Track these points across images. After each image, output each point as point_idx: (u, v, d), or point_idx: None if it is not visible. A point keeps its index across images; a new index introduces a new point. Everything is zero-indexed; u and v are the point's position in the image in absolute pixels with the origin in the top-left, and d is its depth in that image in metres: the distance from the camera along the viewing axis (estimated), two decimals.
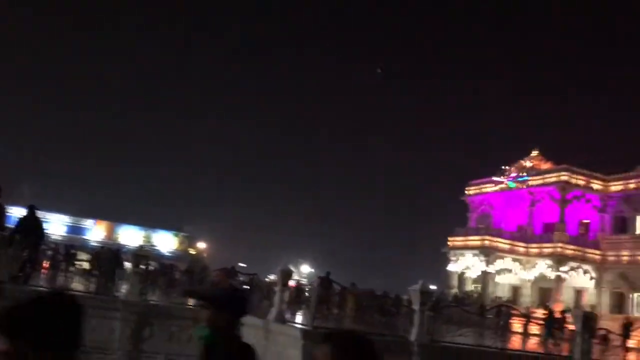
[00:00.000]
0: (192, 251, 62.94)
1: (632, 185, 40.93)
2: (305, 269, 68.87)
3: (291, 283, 24.90)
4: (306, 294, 20.40)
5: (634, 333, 19.96)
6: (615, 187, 41.88)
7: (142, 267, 14.32)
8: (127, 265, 17.08)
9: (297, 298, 22.35)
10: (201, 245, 66.32)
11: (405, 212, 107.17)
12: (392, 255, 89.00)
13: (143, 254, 15.17)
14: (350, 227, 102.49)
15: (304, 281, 36.69)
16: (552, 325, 20.71)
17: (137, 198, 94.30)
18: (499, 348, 12.70)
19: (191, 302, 17.06)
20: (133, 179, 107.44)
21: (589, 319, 13.65)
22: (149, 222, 63.81)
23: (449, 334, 13.20)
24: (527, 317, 25.16)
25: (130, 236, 55.17)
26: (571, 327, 14.89)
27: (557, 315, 22.96)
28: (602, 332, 17.81)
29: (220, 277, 22.91)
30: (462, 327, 15.08)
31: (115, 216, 59.72)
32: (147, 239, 58.70)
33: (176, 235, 64.10)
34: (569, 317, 18.94)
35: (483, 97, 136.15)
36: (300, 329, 10.97)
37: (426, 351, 10.98)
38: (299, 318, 14.67)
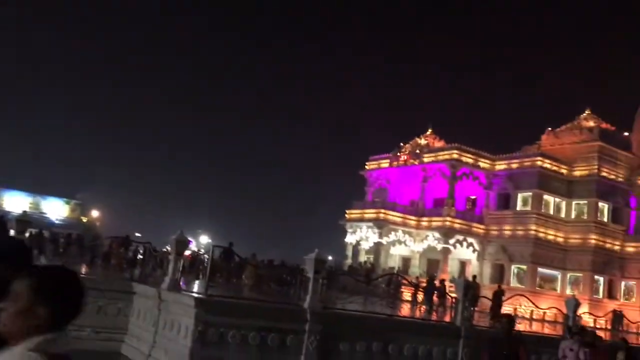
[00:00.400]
0: (84, 219, 60.41)
1: (515, 165, 43.89)
2: (204, 239, 68.14)
3: (188, 253, 24.69)
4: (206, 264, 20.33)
5: (507, 301, 21.59)
6: (500, 166, 44.72)
7: (27, 234, 13.61)
8: (13, 233, 16.15)
9: (194, 268, 22.21)
10: (94, 213, 63.74)
11: (307, 186, 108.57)
12: (294, 228, 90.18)
13: (26, 220, 14.42)
14: (252, 199, 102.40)
15: (202, 251, 36.41)
16: (432, 292, 22.03)
17: (24, 162, 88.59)
18: (387, 314, 13.35)
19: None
20: (21, 141, 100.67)
21: (470, 288, 14.66)
22: (38, 188, 60.38)
23: (342, 301, 13.68)
24: (416, 286, 26.51)
25: (16, 202, 51.87)
26: (454, 295, 15.89)
27: (437, 284, 24.41)
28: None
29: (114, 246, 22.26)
30: (354, 295, 15.64)
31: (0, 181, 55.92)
32: (35, 205, 55.53)
33: (67, 202, 61.13)
34: (451, 286, 20.23)
35: (387, 76, 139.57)
36: (194, 297, 10.96)
37: (319, 317, 11.34)
38: (196, 288, 14.59)
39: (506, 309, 24.31)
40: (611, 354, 10.67)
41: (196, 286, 15.28)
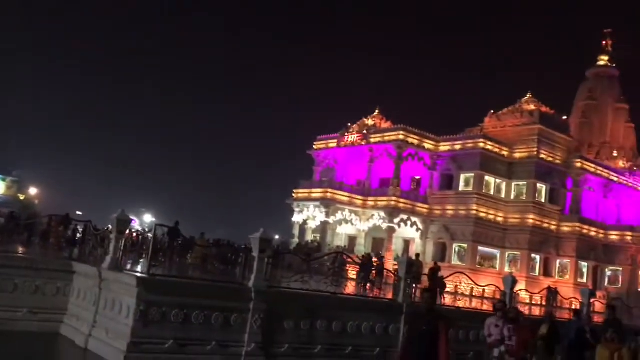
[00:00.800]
0: (21, 197, 58.32)
1: (458, 147, 44.86)
2: (148, 218, 66.92)
3: (133, 232, 24.17)
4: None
5: (447, 279, 22.14)
6: (444, 147, 45.62)
7: None
8: None
9: (138, 247, 21.78)
10: (33, 191, 61.57)
11: (257, 166, 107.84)
12: (243, 207, 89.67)
13: None
14: (200, 178, 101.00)
15: (147, 230, 35.75)
16: (369, 270, 22.44)
17: None
18: (331, 292, 13.50)
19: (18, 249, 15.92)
20: None
21: (412, 266, 14.96)
22: None
23: (287, 280, 13.72)
24: (361, 265, 26.84)
25: None
26: (392, 272, 16.18)
27: (375, 261, 24.92)
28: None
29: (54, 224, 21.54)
30: (299, 274, 15.72)
31: None
32: None
33: (3, 179, 58.83)
34: (395, 264, 20.59)
35: (335, 59, 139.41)
36: (136, 276, 10.77)
37: (263, 296, 11.37)
38: (140, 268, 14.34)
39: (449, 286, 25.11)
40: (536, 328, 11.11)
41: (140, 266, 15.02)
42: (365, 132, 46.26)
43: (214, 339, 10.81)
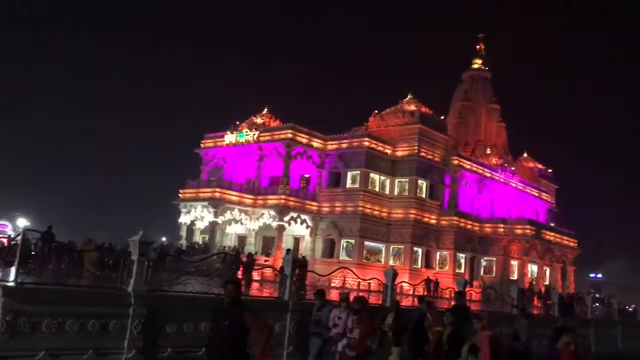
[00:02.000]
0: None
1: (345, 145, 46.06)
2: (22, 222, 62.43)
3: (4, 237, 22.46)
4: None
5: (333, 274, 22.59)
6: (332, 146, 46.65)
7: None
8: None
9: (5, 254, 20.26)
10: None
11: (144, 167, 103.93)
12: (129, 209, 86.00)
13: None
14: (84, 181, 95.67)
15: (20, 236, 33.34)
16: (237, 268, 22.53)
17: None
18: (215, 294, 13.35)
19: None
20: None
21: (297, 264, 15.13)
22: None
23: (170, 283, 13.38)
24: (251, 265, 26.78)
25: None
26: (268, 270, 16.29)
27: (244, 258, 25.19)
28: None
29: None
30: (186, 276, 15.39)
31: None
32: None
33: None
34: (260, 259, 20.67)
35: (223, 58, 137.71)
36: (1, 285, 10.03)
37: (143, 301, 11.00)
38: (10, 276, 13.35)
39: (334, 281, 25.70)
40: (380, 318, 11.31)
41: (11, 274, 13.99)
42: (254, 130, 46.14)
43: (91, 347, 10.32)
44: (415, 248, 44.82)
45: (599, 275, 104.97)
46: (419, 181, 46.26)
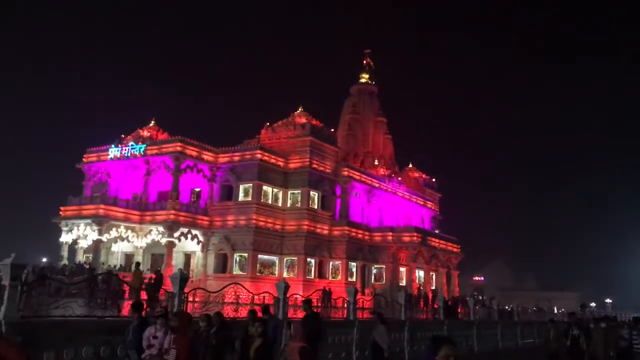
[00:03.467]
0: None
1: (237, 158, 45.65)
2: None
3: None
4: None
5: (225, 290, 22.25)
6: (223, 159, 46.06)
7: None
8: None
9: None
10: None
11: (18, 183, 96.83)
12: (5, 228, 79.65)
13: None
14: None
15: None
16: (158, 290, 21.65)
17: None
18: (98, 316, 12.65)
19: None
20: None
21: (184, 280, 14.71)
22: None
23: (48, 307, 12.49)
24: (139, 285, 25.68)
25: None
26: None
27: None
28: None
29: None
30: (64, 299, 14.47)
31: None
32: None
33: None
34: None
35: (104, 71, 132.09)
36: None
37: (16, 329, 10.19)
38: None
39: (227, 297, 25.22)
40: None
41: None
42: (140, 143, 44.49)
43: None
44: (308, 259, 45.19)
45: (481, 278, 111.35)
46: (311, 192, 46.80)
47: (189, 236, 42.58)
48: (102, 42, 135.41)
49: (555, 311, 58.77)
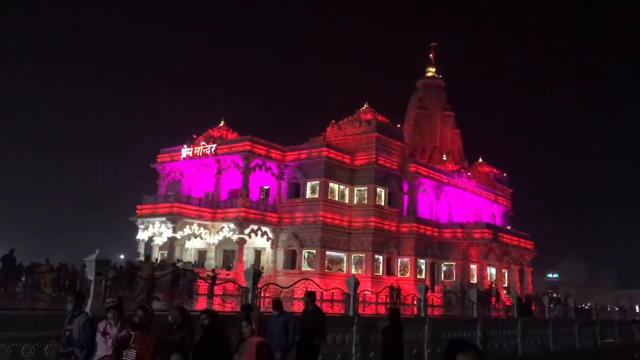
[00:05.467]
0: None
1: (303, 156, 46.11)
2: None
3: None
4: None
5: (296, 285, 22.57)
6: (290, 157, 46.64)
7: None
8: None
9: None
10: None
11: (101, 184, 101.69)
12: (87, 227, 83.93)
13: None
14: (39, 199, 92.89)
15: None
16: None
17: None
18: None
19: None
20: None
21: (257, 275, 15.03)
22: None
23: (131, 301, 13.12)
24: (213, 279, 26.42)
25: None
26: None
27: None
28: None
29: None
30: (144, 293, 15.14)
31: None
32: None
33: None
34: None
35: (177, 71, 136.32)
36: None
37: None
38: None
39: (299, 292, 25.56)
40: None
41: None
42: (211, 143, 45.74)
43: None
44: (376, 256, 45.08)
45: (555, 275, 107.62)
46: (378, 189, 46.64)
47: (259, 233, 43.44)
48: (183, 42, 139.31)
49: (637, 310, 56.01)
